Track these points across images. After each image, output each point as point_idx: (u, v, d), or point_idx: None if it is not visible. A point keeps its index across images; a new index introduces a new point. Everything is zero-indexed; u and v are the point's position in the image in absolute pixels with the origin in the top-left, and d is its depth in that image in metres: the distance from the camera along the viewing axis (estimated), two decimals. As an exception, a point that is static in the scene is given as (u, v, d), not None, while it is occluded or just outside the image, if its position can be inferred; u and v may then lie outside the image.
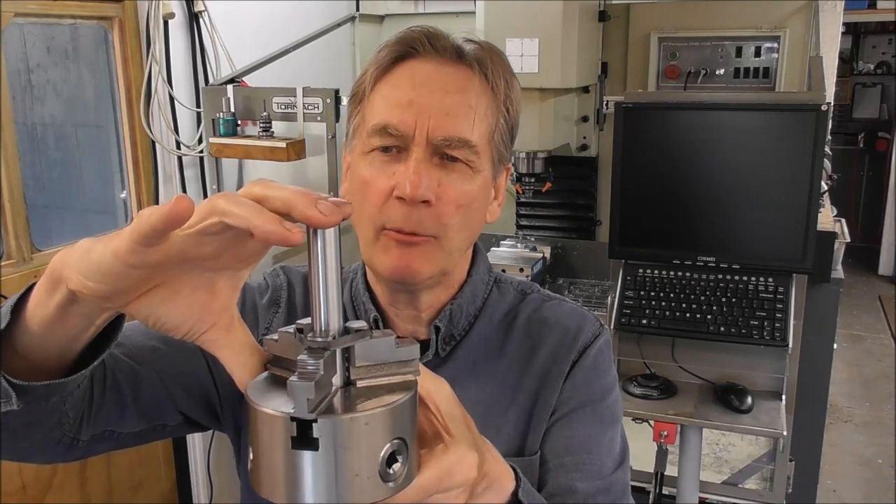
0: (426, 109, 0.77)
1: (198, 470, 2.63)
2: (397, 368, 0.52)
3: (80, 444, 0.73)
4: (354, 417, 0.47)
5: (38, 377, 0.58)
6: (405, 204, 0.77)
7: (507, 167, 0.88)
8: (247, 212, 0.45)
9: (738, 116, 1.96)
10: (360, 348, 0.51)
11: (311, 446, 0.46)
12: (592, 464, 0.84)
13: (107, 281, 0.48)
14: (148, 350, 0.80)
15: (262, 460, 0.48)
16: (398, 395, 0.49)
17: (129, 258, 0.46)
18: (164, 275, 0.50)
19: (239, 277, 0.53)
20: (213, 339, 0.53)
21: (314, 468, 0.46)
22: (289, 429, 0.46)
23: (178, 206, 0.44)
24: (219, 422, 0.89)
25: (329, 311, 0.49)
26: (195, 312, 0.52)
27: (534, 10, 2.09)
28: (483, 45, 0.83)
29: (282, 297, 0.92)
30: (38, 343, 0.56)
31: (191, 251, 0.47)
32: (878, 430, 3.85)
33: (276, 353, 0.53)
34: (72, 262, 0.50)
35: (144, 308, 0.50)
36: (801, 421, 2.09)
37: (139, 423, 0.79)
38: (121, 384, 0.76)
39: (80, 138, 2.47)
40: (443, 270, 0.82)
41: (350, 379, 0.51)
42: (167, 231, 0.45)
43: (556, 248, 2.59)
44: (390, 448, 0.48)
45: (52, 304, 0.53)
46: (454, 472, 0.53)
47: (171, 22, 2.37)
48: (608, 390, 0.90)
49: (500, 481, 0.60)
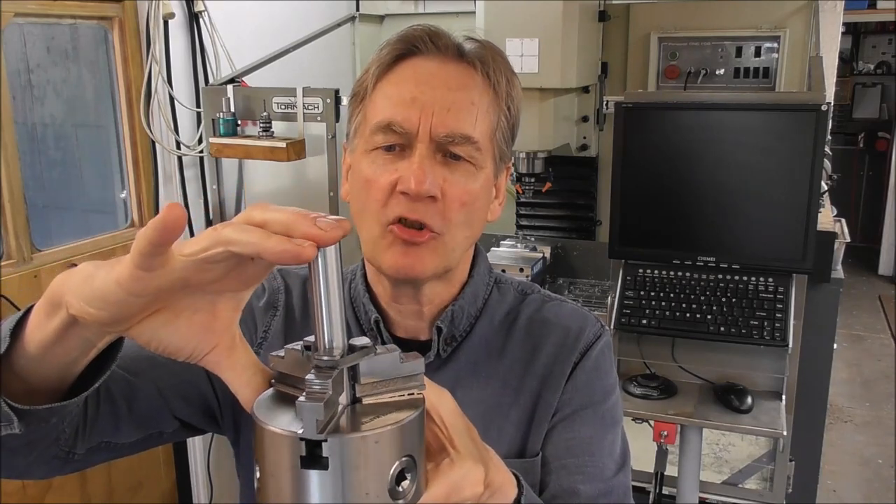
0: (429, 106, 0.77)
1: (198, 470, 2.63)
2: (403, 384, 0.52)
3: (77, 457, 0.72)
4: (364, 437, 0.47)
5: (37, 398, 0.58)
6: (410, 198, 0.77)
7: (507, 166, 0.88)
8: (254, 237, 0.45)
9: (738, 116, 1.96)
10: (365, 365, 0.50)
11: (320, 466, 0.46)
12: (594, 466, 0.84)
13: (109, 308, 0.48)
14: (143, 360, 0.79)
15: (269, 480, 0.48)
16: (406, 413, 0.49)
17: (131, 286, 0.46)
18: (166, 300, 0.49)
19: (240, 299, 0.53)
20: (215, 360, 0.53)
21: (323, 488, 0.46)
22: (297, 448, 0.46)
23: (170, 214, 0.44)
24: (218, 425, 0.89)
25: (333, 329, 0.49)
26: (197, 335, 0.52)
27: (534, 10, 2.09)
28: (484, 44, 0.83)
29: (279, 300, 0.92)
30: (37, 366, 0.56)
31: (193, 278, 0.47)
32: (878, 430, 3.85)
33: (281, 370, 0.52)
34: (73, 287, 0.50)
35: (146, 332, 0.50)
36: (801, 421, 2.09)
37: (135, 434, 0.79)
38: (115, 397, 0.76)
39: (80, 138, 2.47)
40: (446, 267, 0.83)
41: (356, 396, 0.50)
42: (166, 242, 0.45)
43: (556, 248, 2.59)
44: (399, 466, 0.48)
45: (51, 327, 0.53)
46: (462, 488, 0.53)
47: (171, 22, 2.37)
48: (609, 392, 0.90)
49: (504, 490, 0.60)
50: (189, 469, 2.63)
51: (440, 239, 0.79)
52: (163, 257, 0.46)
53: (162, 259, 0.46)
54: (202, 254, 0.46)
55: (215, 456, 2.60)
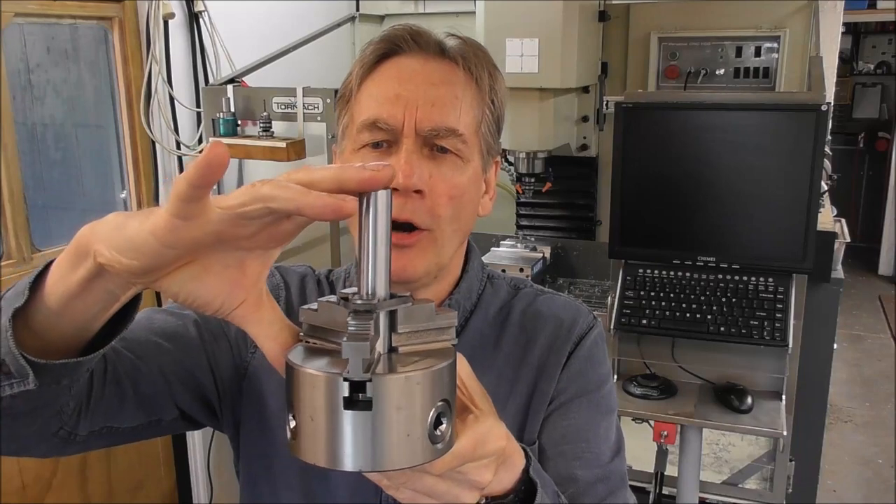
0: (413, 102, 0.79)
1: (198, 470, 2.63)
2: (436, 335, 0.53)
3: (79, 438, 0.73)
4: (409, 376, 0.47)
5: (51, 358, 0.57)
6: (398, 195, 0.77)
7: (496, 160, 0.89)
8: (293, 194, 0.45)
9: (738, 116, 1.96)
10: (403, 314, 0.51)
11: (363, 407, 0.46)
12: (591, 452, 0.86)
13: (141, 258, 0.47)
14: (150, 345, 0.80)
15: (307, 425, 0.48)
16: (442, 359, 0.50)
17: (166, 236, 0.46)
18: (198, 253, 0.49)
19: (269, 256, 0.53)
20: (242, 314, 0.53)
21: (366, 429, 0.46)
22: (340, 390, 0.46)
23: (213, 151, 0.44)
24: (217, 420, 0.89)
25: (377, 275, 0.50)
26: (225, 290, 0.51)
27: (534, 10, 2.09)
28: (466, 41, 0.85)
29: (280, 295, 0.92)
30: (55, 321, 0.56)
31: (228, 232, 0.47)
32: (878, 430, 3.85)
33: (314, 322, 0.52)
34: (103, 236, 0.49)
35: (175, 285, 0.50)
36: (801, 421, 2.09)
37: (137, 418, 0.79)
38: (121, 378, 0.76)
39: (80, 138, 2.47)
40: (438, 265, 0.83)
41: (392, 346, 0.51)
42: (208, 184, 0.44)
43: (556, 248, 2.59)
44: (437, 410, 0.49)
45: (75, 279, 0.52)
46: (487, 441, 0.55)
47: (171, 22, 2.37)
48: (603, 381, 0.91)
49: (513, 459, 0.61)
50: (189, 469, 2.63)
51: (430, 235, 0.80)
52: (200, 204, 0.45)
53: (200, 207, 0.45)
54: (240, 209, 0.46)
55: (215, 456, 2.60)
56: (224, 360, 0.86)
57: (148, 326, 0.81)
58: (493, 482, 0.58)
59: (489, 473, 0.56)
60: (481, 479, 0.56)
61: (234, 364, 0.87)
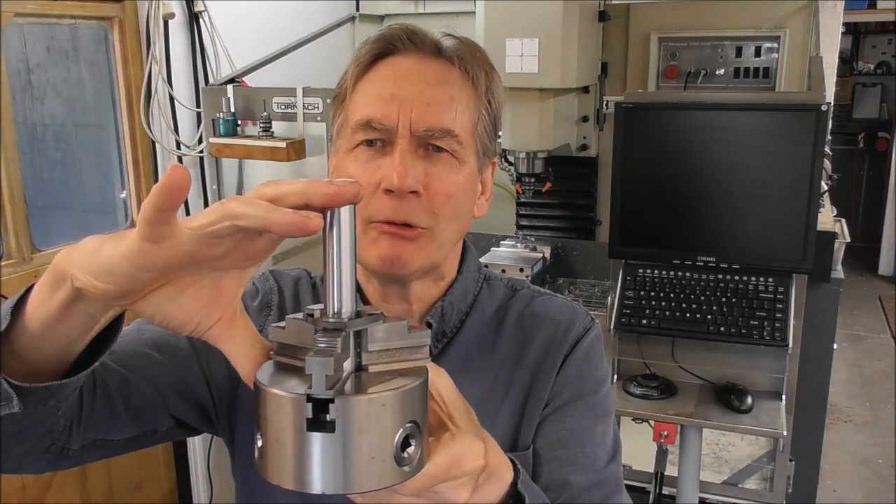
0: (408, 101, 0.78)
1: (198, 470, 2.63)
2: (408, 354, 0.52)
3: (71, 453, 0.72)
4: (372, 398, 0.46)
5: (35, 380, 0.57)
6: (393, 197, 0.77)
7: (492, 161, 0.89)
8: (261, 211, 0.45)
9: (738, 116, 1.96)
10: (373, 332, 0.50)
11: (326, 429, 0.45)
12: (586, 457, 0.84)
13: (116, 281, 0.48)
14: (140, 357, 0.79)
15: (272, 445, 0.47)
16: (411, 379, 0.49)
17: (138, 259, 0.46)
18: (172, 274, 0.49)
19: (245, 274, 0.53)
20: (216, 333, 0.53)
21: (329, 451, 0.45)
22: (303, 411, 0.45)
23: (173, 176, 0.44)
24: (213, 426, 0.88)
25: (343, 293, 0.49)
26: (201, 310, 0.52)
27: (534, 10, 2.09)
28: (462, 41, 0.84)
29: (273, 300, 0.92)
30: (38, 345, 0.56)
31: (200, 252, 0.47)
32: (878, 430, 3.85)
33: (282, 340, 0.51)
34: (79, 260, 0.49)
35: (151, 306, 0.50)
36: (801, 421, 2.08)
37: (130, 430, 0.79)
38: (111, 392, 0.75)
39: (80, 138, 2.47)
40: (432, 263, 0.83)
41: (362, 364, 0.50)
42: (171, 207, 0.44)
43: (556, 248, 2.58)
44: (405, 432, 0.48)
45: (54, 303, 0.53)
46: (463, 461, 0.53)
47: (171, 22, 2.37)
48: (600, 384, 0.90)
49: (500, 472, 0.60)
50: (189, 469, 2.63)
51: (429, 234, 0.80)
52: (169, 227, 0.45)
53: (168, 229, 0.45)
54: (209, 227, 0.46)
55: (215, 456, 2.60)
56: (218, 368, 0.85)
57: (138, 338, 0.80)
58: (476, 496, 0.56)
59: (465, 492, 0.55)
60: (457, 498, 0.55)
61: (228, 371, 0.86)
